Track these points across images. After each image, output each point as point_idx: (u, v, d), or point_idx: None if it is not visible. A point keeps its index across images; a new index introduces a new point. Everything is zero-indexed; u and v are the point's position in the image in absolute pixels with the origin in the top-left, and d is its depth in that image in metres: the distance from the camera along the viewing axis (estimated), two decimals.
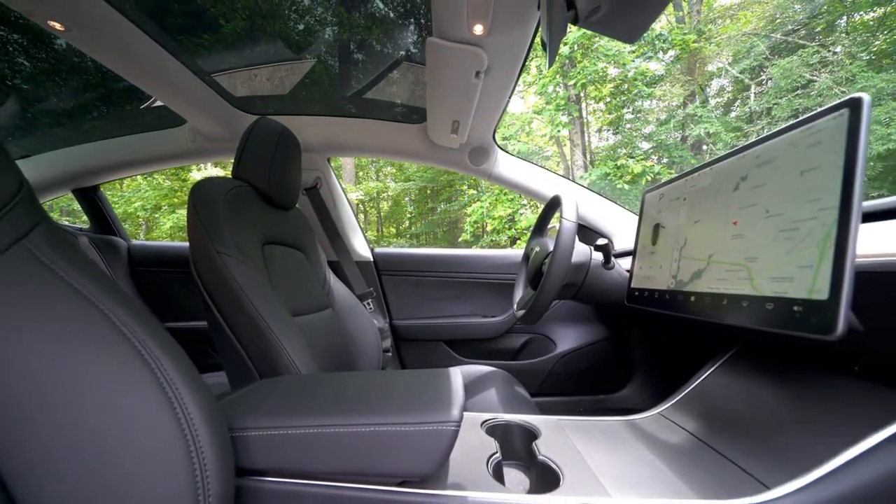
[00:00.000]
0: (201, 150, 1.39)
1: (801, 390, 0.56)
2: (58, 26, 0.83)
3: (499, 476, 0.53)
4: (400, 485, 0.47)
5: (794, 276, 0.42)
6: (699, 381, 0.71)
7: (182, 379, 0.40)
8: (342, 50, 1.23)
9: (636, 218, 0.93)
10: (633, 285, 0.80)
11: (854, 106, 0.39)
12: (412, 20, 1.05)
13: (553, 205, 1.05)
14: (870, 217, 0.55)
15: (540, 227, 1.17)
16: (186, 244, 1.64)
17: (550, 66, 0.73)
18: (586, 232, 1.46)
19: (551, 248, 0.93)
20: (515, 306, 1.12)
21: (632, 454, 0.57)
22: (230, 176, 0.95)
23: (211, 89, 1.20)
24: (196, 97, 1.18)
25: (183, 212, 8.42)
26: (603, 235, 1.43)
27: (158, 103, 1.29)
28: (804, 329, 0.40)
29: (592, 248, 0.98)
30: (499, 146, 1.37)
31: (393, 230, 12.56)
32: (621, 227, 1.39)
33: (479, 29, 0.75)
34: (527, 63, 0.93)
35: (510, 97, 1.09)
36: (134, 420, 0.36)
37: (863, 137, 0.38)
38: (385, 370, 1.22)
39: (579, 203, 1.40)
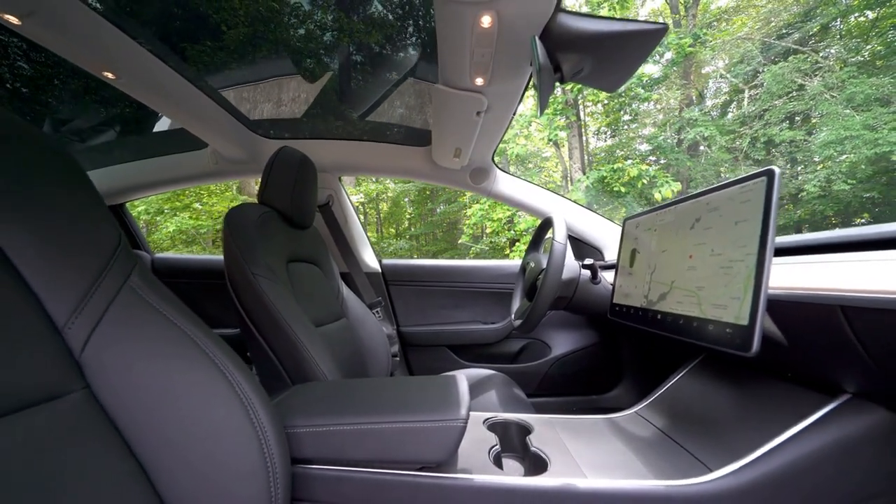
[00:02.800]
0: (222, 171, 1.50)
1: (746, 392, 0.68)
2: (110, 75, 0.94)
3: (498, 464, 0.65)
4: (419, 470, 0.58)
5: (727, 304, 0.54)
6: (669, 384, 0.83)
7: (251, 388, 0.51)
8: (349, 73, 1.34)
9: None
10: (614, 300, 0.92)
11: (770, 176, 0.51)
12: (415, 36, 1.13)
13: (546, 225, 1.17)
14: (804, 251, 0.67)
15: (535, 243, 1.28)
16: (206, 257, 1.76)
17: (541, 114, 0.85)
18: (579, 245, 1.58)
19: (545, 264, 1.05)
20: (513, 316, 1.24)
21: (608, 446, 0.69)
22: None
23: (231, 116, 1.31)
24: (218, 124, 1.29)
25: (185, 214, 8.57)
26: (594, 248, 1.55)
27: (167, 124, 1.40)
28: (731, 347, 0.52)
29: (581, 266, 1.10)
30: (497, 166, 1.49)
31: (392, 231, 12.66)
32: (611, 239, 1.51)
33: (479, 81, 0.87)
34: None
35: (507, 127, 1.20)
36: (222, 425, 0.48)
37: (774, 201, 0.50)
38: (405, 377, 1.32)
39: (573, 218, 1.52)
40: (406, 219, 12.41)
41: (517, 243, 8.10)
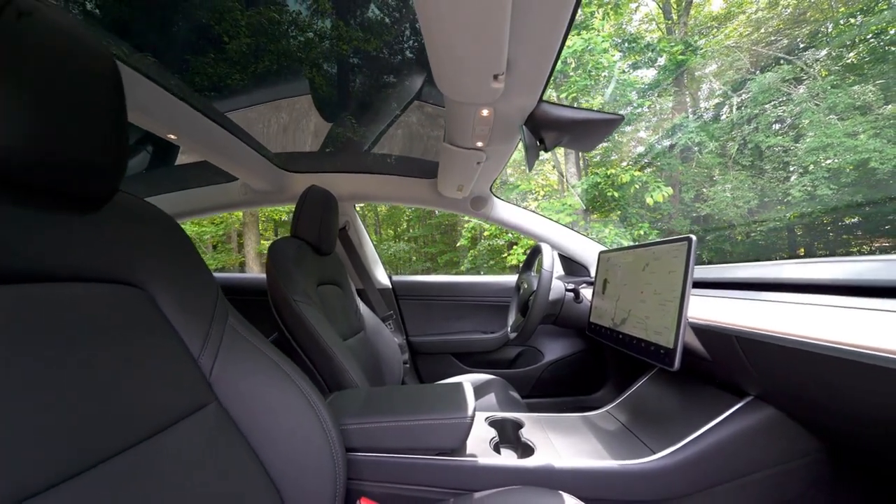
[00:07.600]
0: (251, 201, 1.70)
1: (685, 394, 0.88)
2: (173, 137, 1.14)
3: (497, 451, 0.85)
4: (437, 455, 0.78)
5: (662, 332, 0.74)
6: (633, 388, 1.04)
7: (316, 396, 0.71)
8: (357, 96, 1.48)
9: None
10: (591, 319, 1.12)
11: (689, 242, 0.71)
12: (412, 39, 1.21)
13: (536, 251, 1.37)
14: (728, 286, 0.87)
15: (528, 265, 1.49)
16: (227, 275, 1.95)
17: (530, 171, 1.05)
18: (569, 263, 1.78)
19: (535, 286, 1.25)
20: (509, 329, 1.44)
21: (582, 437, 0.89)
22: None
23: (261, 155, 1.51)
24: (250, 162, 1.48)
25: (187, 221, 8.75)
26: (581, 265, 1.76)
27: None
28: (663, 363, 0.72)
29: (566, 288, 1.30)
30: (494, 195, 1.70)
31: (391, 232, 12.84)
32: (595, 258, 1.71)
33: (479, 144, 1.07)
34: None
35: (504, 166, 1.40)
36: (300, 425, 0.67)
37: (692, 262, 0.70)
38: (424, 385, 1.49)
39: (563, 239, 1.73)
40: (405, 221, 12.59)
41: (515, 246, 8.31)
